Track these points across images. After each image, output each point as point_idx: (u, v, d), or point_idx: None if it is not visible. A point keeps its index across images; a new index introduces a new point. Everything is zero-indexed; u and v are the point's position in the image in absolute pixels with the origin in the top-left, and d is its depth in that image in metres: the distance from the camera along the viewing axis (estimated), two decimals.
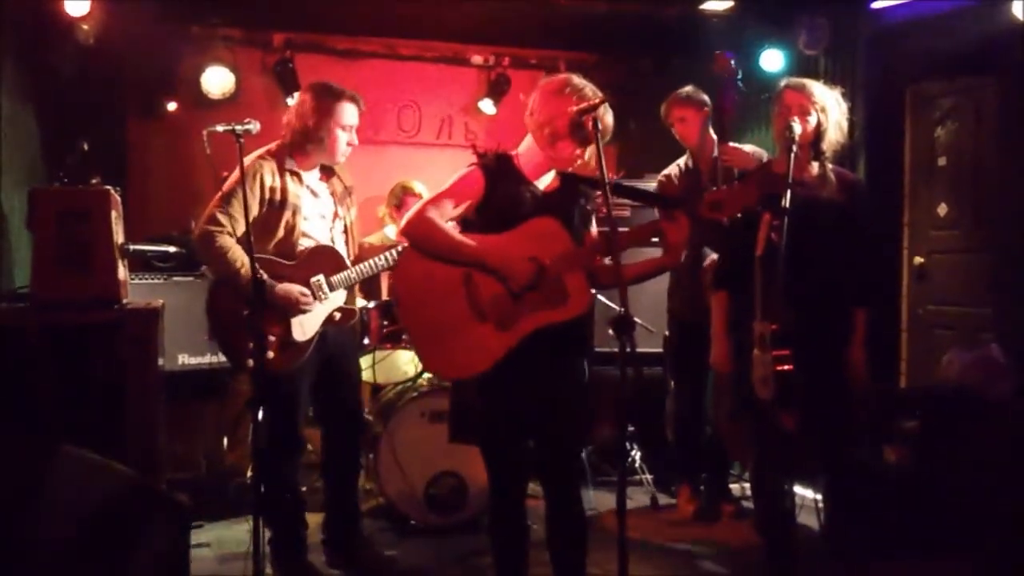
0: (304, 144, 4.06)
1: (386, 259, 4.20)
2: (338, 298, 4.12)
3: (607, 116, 3.13)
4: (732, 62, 4.62)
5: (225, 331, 4.00)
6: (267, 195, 3.96)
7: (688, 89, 5.19)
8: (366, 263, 4.17)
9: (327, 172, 4.21)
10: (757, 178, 3.29)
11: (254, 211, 3.91)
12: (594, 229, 3.37)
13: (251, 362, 3.81)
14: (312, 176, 4.14)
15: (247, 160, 3.93)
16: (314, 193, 4.13)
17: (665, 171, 5.28)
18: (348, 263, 4.14)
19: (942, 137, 5.60)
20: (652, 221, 3.20)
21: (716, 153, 5.14)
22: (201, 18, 6.07)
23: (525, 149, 3.29)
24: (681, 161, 5.25)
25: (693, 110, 5.12)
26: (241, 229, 3.83)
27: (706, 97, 5.16)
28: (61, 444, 3.26)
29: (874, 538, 3.99)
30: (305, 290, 3.98)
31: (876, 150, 5.47)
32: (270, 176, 3.98)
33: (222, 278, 3.94)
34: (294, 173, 4.05)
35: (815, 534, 4.04)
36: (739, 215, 3.14)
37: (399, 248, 4.19)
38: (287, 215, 4.00)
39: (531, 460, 3.32)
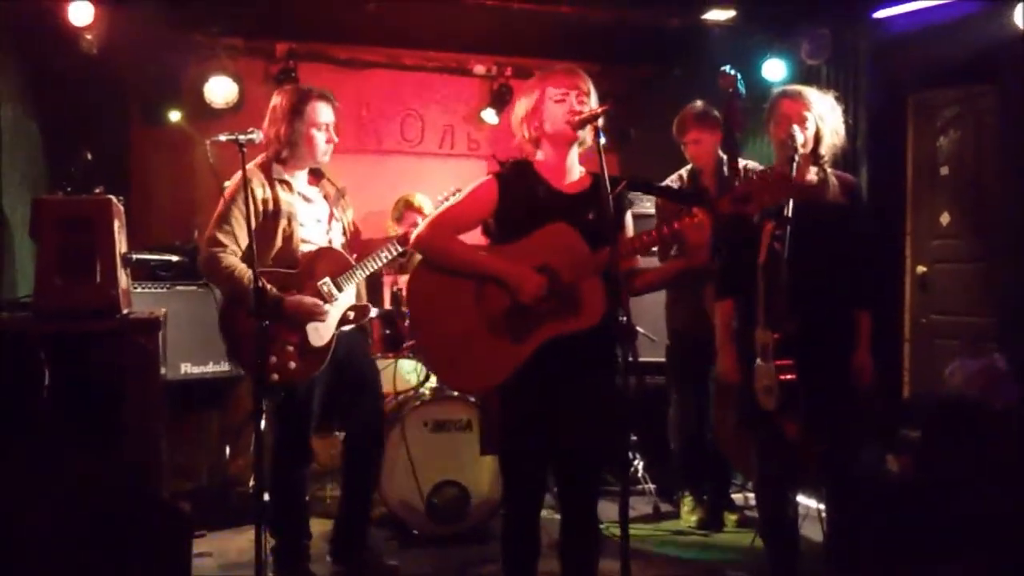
0: (284, 150, 4.03)
1: (389, 251, 4.15)
2: (348, 297, 4.10)
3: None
4: (737, 77, 4.60)
5: (243, 349, 3.93)
6: (260, 207, 3.94)
7: (701, 107, 5.13)
8: (370, 258, 4.13)
9: (316, 175, 4.20)
10: (787, 175, 3.21)
11: (253, 224, 3.91)
12: (630, 231, 3.31)
13: (276, 376, 3.82)
14: (301, 182, 4.13)
15: (236, 178, 3.91)
16: (306, 199, 4.12)
17: (666, 182, 5.26)
18: (352, 261, 4.13)
19: (944, 146, 5.60)
20: (670, 224, 3.09)
21: (725, 170, 5.12)
22: (205, 27, 6.08)
23: (542, 154, 3.26)
24: (684, 172, 5.22)
25: (708, 132, 5.07)
26: (244, 244, 3.84)
27: (718, 114, 5.11)
28: (63, 453, 3.26)
29: (877, 547, 3.98)
30: (317, 300, 3.98)
31: (878, 159, 5.47)
32: (260, 188, 3.96)
33: (232, 296, 3.92)
34: (283, 181, 4.04)
35: (818, 543, 4.03)
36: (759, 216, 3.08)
37: (398, 243, 4.18)
38: (283, 224, 3.99)
39: (547, 475, 3.31)
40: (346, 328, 4.10)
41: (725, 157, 5.11)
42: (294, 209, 4.02)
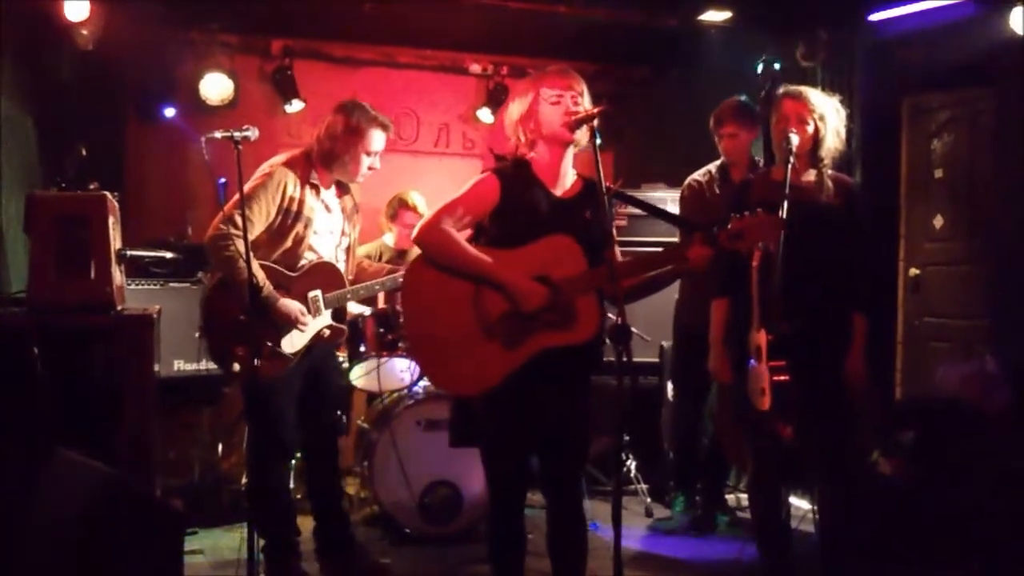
0: (329, 162, 4.08)
1: (382, 284, 4.27)
2: (329, 315, 4.15)
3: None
4: (777, 71, 4.53)
5: (216, 332, 4.01)
6: (286, 204, 3.98)
7: (741, 102, 5.07)
8: (363, 285, 4.23)
9: (342, 188, 4.25)
10: (775, 218, 3.20)
11: (271, 217, 3.94)
12: (618, 249, 3.26)
13: (236, 367, 3.86)
14: (329, 191, 4.18)
15: (279, 159, 4.01)
16: (328, 208, 4.17)
17: (695, 176, 5.15)
18: (346, 282, 4.17)
19: (938, 149, 5.61)
20: (677, 247, 3.12)
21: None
22: (200, 24, 6.07)
23: (537, 155, 3.24)
24: (713, 168, 5.12)
25: (745, 128, 5.01)
26: (255, 233, 3.86)
27: (757, 112, 5.08)
28: (56, 448, 3.25)
29: (869, 549, 3.99)
30: (304, 309, 4.00)
31: (872, 162, 5.49)
32: (292, 186, 4.00)
33: (227, 280, 3.93)
34: (314, 186, 4.08)
35: (811, 544, 4.04)
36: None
37: (399, 277, 4.23)
38: (299, 227, 4.02)
39: (531, 473, 3.32)
40: (318, 343, 4.13)
41: (761, 159, 5.09)
42: (313, 215, 4.06)
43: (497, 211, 3.17)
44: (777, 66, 4.60)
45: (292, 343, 4.02)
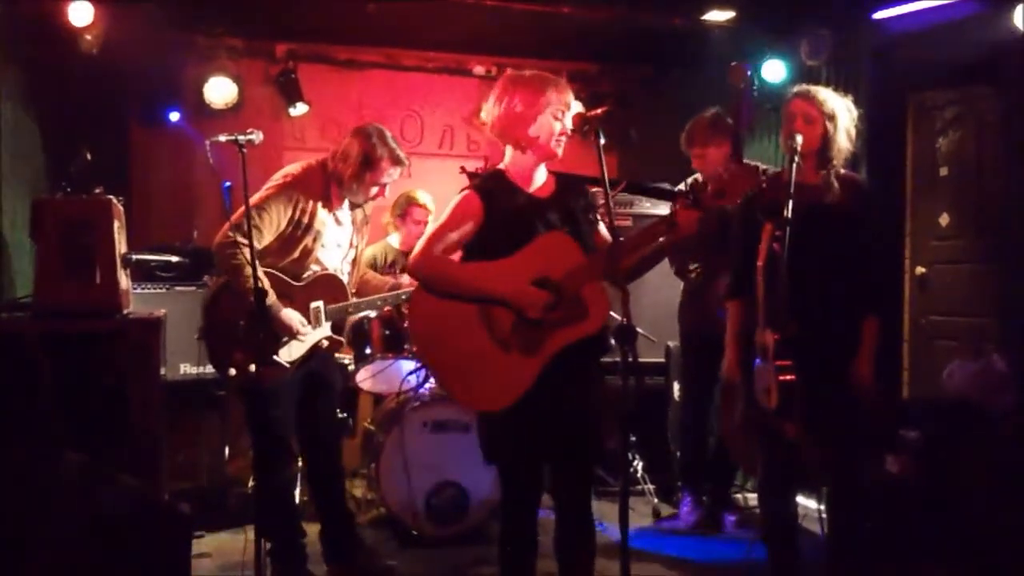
0: (339, 183, 4.10)
1: (384, 300, 4.32)
2: (329, 326, 4.16)
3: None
4: (748, 73, 4.51)
5: (216, 336, 4.02)
6: (297, 216, 3.99)
7: (710, 119, 5.01)
8: (365, 300, 4.27)
9: (355, 203, 4.26)
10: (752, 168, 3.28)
11: (281, 228, 3.95)
12: (603, 229, 3.30)
13: (232, 371, 3.91)
14: (342, 205, 4.19)
15: (295, 168, 4.04)
16: (338, 221, 4.19)
17: (679, 187, 5.17)
18: (349, 295, 4.18)
19: (944, 147, 5.60)
20: (665, 216, 3.13)
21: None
22: (205, 28, 6.09)
23: (511, 160, 3.27)
24: (691, 180, 5.10)
25: (713, 147, 4.94)
26: (264, 242, 3.87)
27: (729, 123, 5.05)
28: (63, 452, 3.25)
29: (877, 548, 3.98)
30: (304, 320, 4.01)
31: (878, 160, 5.46)
32: (305, 198, 4.01)
33: (233, 287, 3.94)
34: (327, 200, 4.09)
35: (819, 543, 4.03)
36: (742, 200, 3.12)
37: (403, 295, 4.26)
38: (308, 239, 4.03)
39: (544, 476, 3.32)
40: (316, 353, 4.14)
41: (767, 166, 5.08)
42: (324, 229, 4.08)
43: (484, 225, 3.18)
44: (748, 67, 4.55)
45: (290, 353, 4.04)
